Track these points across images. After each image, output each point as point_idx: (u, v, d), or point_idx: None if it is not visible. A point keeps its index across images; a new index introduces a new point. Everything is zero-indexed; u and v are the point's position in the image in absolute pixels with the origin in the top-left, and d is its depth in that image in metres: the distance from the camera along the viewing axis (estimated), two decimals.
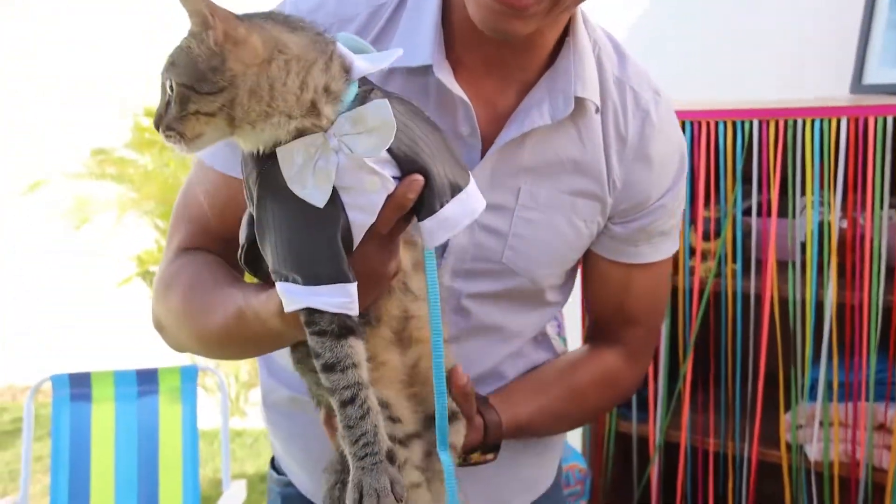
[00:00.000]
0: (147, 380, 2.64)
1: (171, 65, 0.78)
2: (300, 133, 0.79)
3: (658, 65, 1.99)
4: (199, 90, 0.77)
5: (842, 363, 1.69)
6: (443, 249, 1.02)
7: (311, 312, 0.83)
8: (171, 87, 0.78)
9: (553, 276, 1.13)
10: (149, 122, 5.04)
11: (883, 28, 1.94)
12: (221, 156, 1.05)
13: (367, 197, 0.82)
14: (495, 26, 0.93)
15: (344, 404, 0.83)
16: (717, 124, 1.73)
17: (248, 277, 1.01)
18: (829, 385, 1.70)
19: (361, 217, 0.82)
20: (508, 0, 0.90)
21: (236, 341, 1.01)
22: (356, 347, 0.84)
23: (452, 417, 0.97)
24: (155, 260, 4.91)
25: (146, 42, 5.48)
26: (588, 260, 1.17)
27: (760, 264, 1.75)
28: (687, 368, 1.82)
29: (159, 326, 1.13)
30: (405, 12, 1.04)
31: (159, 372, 2.65)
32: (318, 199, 0.80)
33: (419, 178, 0.82)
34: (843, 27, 2.05)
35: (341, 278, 0.82)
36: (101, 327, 5.46)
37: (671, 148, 1.11)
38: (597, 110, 1.06)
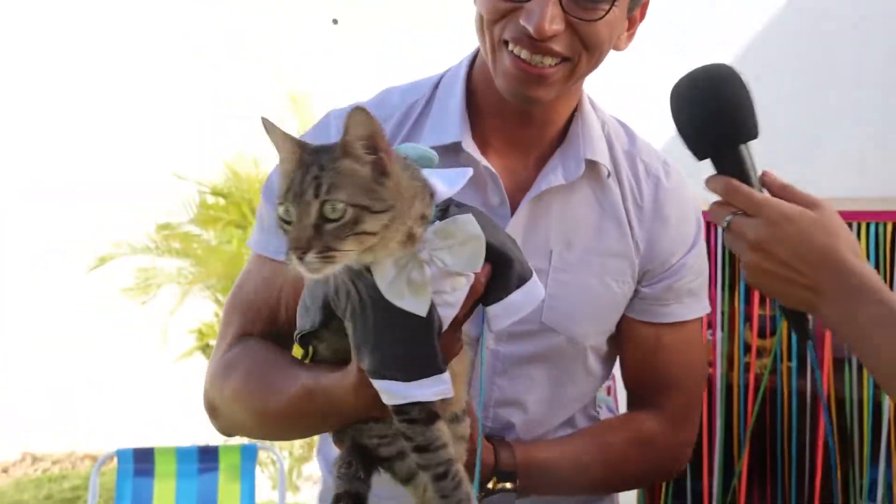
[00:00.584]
0: (208, 457, 2.71)
1: (335, 187, 0.83)
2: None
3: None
4: (372, 210, 0.83)
5: None
6: (483, 314, 1.04)
7: (401, 405, 0.90)
8: (335, 209, 0.82)
9: (592, 335, 1.19)
10: (213, 200, 5.22)
11: None
12: (275, 244, 1.12)
13: (455, 294, 0.90)
14: (520, 92, 1.07)
15: (438, 478, 0.91)
16: None
17: (297, 351, 1.08)
18: (888, 486, 1.70)
19: (450, 312, 0.91)
20: (534, 70, 1.04)
21: (300, 419, 1.07)
22: (443, 429, 0.92)
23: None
24: (215, 333, 5.02)
25: (214, 123, 5.70)
26: (621, 325, 1.22)
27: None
28: (742, 465, 1.83)
29: (212, 410, 1.19)
30: (435, 103, 1.18)
31: (220, 450, 2.72)
32: (420, 308, 0.87)
33: (488, 265, 0.90)
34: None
35: (437, 370, 0.89)
36: (161, 399, 5.56)
37: (686, 208, 1.20)
38: (609, 175, 1.17)
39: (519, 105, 1.11)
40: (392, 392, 0.89)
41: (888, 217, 1.66)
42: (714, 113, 0.97)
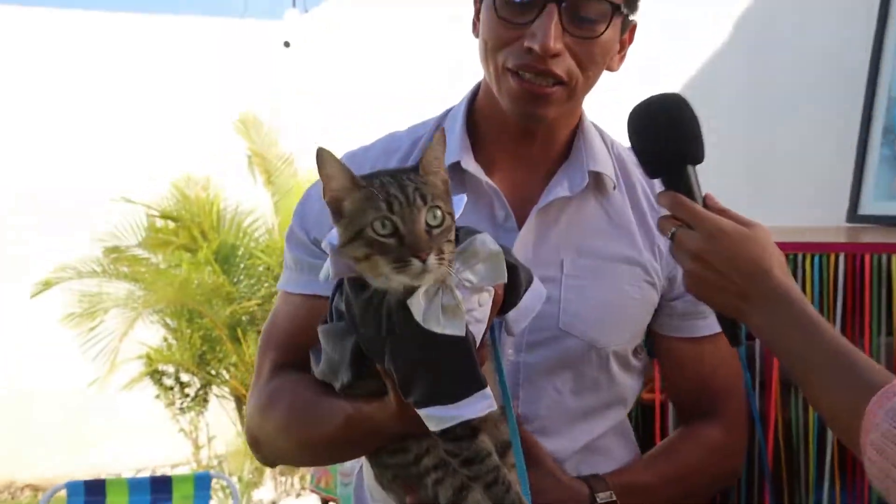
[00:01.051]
0: (161, 487, 2.68)
1: (434, 196, 0.92)
2: None
3: None
4: (454, 219, 0.94)
5: (844, 486, 1.75)
6: (500, 327, 1.10)
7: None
8: (436, 216, 0.91)
9: (613, 340, 1.22)
10: (162, 223, 5.19)
11: (876, 164, 2.06)
12: (303, 282, 1.22)
13: (482, 310, 0.97)
14: (526, 111, 1.15)
15: (488, 486, 0.96)
16: None
17: None
18: None
19: (480, 328, 0.97)
20: (538, 90, 1.11)
21: (344, 446, 1.13)
22: (485, 440, 0.98)
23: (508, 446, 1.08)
24: (164, 359, 4.97)
25: (159, 146, 5.67)
26: (661, 347, 1.28)
27: (764, 386, 1.81)
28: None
29: (255, 443, 1.25)
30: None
31: (173, 480, 2.70)
32: (458, 330, 0.92)
33: (501, 283, 0.98)
34: (843, 162, 2.17)
35: (481, 386, 0.94)
36: (107, 426, 5.48)
37: None
38: (614, 186, 1.24)
39: (524, 123, 1.18)
40: (441, 416, 0.94)
41: (832, 248, 1.72)
42: (665, 137, 1.06)
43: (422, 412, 0.95)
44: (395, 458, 1.09)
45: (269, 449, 1.25)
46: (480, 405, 0.94)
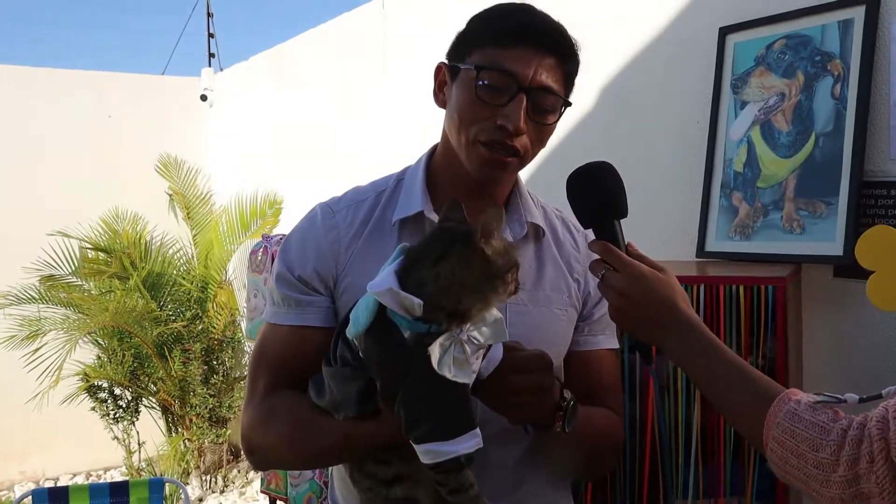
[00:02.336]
0: (119, 492, 2.59)
1: None
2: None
3: None
4: None
5: (706, 467, 1.88)
6: None
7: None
8: None
9: (550, 353, 1.23)
10: (93, 254, 4.98)
11: (716, 213, 2.23)
12: (291, 315, 1.24)
13: (477, 363, 1.03)
14: (488, 175, 1.22)
15: None
16: None
17: None
18: (695, 484, 1.88)
19: (473, 376, 1.03)
20: (503, 159, 1.19)
21: (338, 455, 1.17)
22: (470, 473, 1.01)
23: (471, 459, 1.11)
24: (99, 375, 4.76)
25: (90, 186, 5.45)
26: (575, 358, 1.35)
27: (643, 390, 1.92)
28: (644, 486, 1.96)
29: (250, 451, 1.25)
30: (403, 187, 1.30)
31: (130, 484, 2.61)
32: (466, 378, 0.99)
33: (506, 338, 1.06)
34: (691, 209, 2.33)
35: (473, 426, 1.00)
36: (48, 435, 5.21)
37: None
38: (543, 234, 1.32)
39: (483, 183, 1.24)
40: (436, 451, 0.98)
41: (694, 280, 1.84)
42: (595, 198, 1.16)
43: (420, 448, 1.00)
44: (377, 468, 1.12)
45: (267, 456, 1.26)
46: (471, 442, 0.99)
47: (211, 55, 6.05)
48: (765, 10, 2.20)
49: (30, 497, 2.56)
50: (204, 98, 5.85)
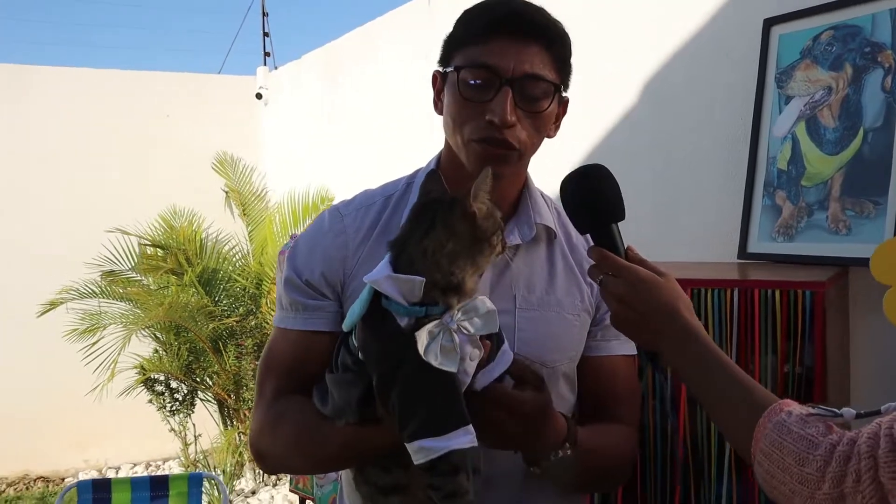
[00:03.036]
0: (159, 486, 2.63)
1: None
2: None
3: None
4: None
5: (739, 481, 1.80)
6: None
7: (432, 460, 0.96)
8: None
9: (560, 359, 1.25)
10: (152, 251, 5.09)
11: (759, 212, 2.13)
12: (300, 320, 1.22)
13: (471, 365, 1.00)
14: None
15: None
16: None
17: None
18: (728, 498, 1.80)
19: (466, 379, 1.00)
20: (497, 151, 1.15)
21: (342, 460, 1.16)
22: (465, 479, 0.98)
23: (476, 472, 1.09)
24: (155, 368, 4.87)
25: (149, 185, 5.58)
26: (588, 364, 1.30)
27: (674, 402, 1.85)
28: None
29: (260, 456, 1.24)
30: (412, 189, 1.26)
31: (170, 478, 2.65)
32: (451, 366, 0.96)
33: (489, 343, 1.03)
34: (733, 209, 2.24)
35: (465, 422, 0.97)
36: (107, 427, 5.36)
37: None
38: (554, 236, 1.28)
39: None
40: (429, 448, 0.95)
41: (728, 284, 1.76)
42: (591, 202, 1.10)
43: (412, 445, 0.96)
44: (377, 476, 1.10)
45: (276, 461, 1.25)
46: (464, 439, 0.96)
47: (266, 54, 6.12)
48: (812, 0, 2.09)
49: (75, 488, 2.62)
50: (259, 96, 5.92)
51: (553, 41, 1.18)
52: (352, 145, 4.82)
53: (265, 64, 6.13)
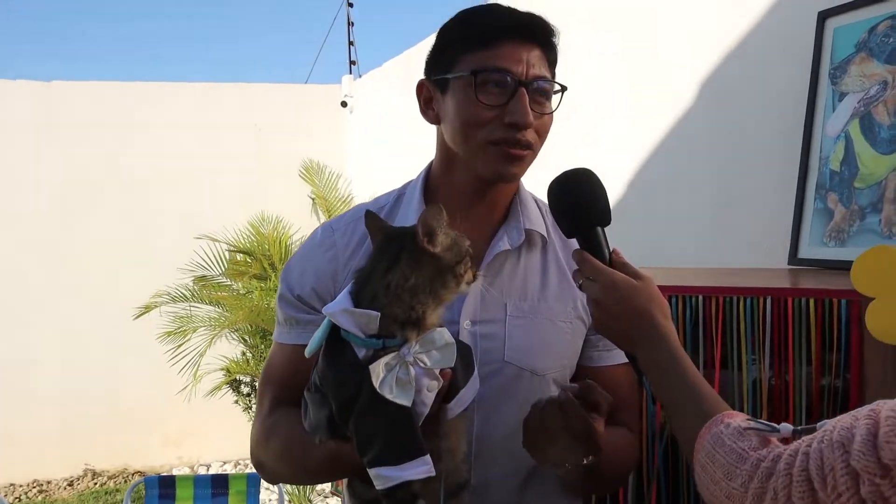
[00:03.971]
0: (220, 483, 2.75)
1: None
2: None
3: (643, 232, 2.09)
4: None
5: None
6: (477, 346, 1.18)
7: (390, 487, 0.97)
8: None
9: (551, 367, 1.24)
10: (241, 257, 5.29)
11: (811, 216, 2.03)
12: (293, 335, 1.25)
13: (429, 396, 1.00)
14: (506, 172, 1.18)
15: None
16: (669, 297, 1.83)
17: None
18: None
19: (424, 410, 1.00)
20: (518, 153, 1.16)
21: (328, 474, 1.19)
22: None
23: (464, 486, 1.12)
24: (241, 370, 5.06)
25: (241, 191, 5.81)
26: (589, 374, 1.28)
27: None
28: (652, 494, 1.85)
29: (259, 465, 1.29)
30: (403, 202, 1.29)
31: (229, 477, 2.76)
32: (406, 400, 0.96)
33: (448, 372, 1.02)
34: (785, 214, 2.15)
35: (421, 453, 0.98)
36: (197, 425, 5.61)
37: None
38: (544, 241, 1.27)
39: (501, 182, 1.22)
40: (386, 476, 0.97)
41: (758, 293, 1.69)
42: (575, 205, 1.11)
43: (371, 472, 0.98)
44: (362, 488, 1.11)
45: (270, 471, 1.29)
46: (420, 469, 0.97)
47: (352, 62, 6.26)
48: None
49: (143, 483, 2.77)
50: (344, 104, 6.06)
51: (549, 44, 1.21)
52: (431, 151, 4.88)
53: (350, 72, 6.28)
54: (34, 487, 5.63)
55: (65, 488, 5.61)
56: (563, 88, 1.20)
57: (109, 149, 5.81)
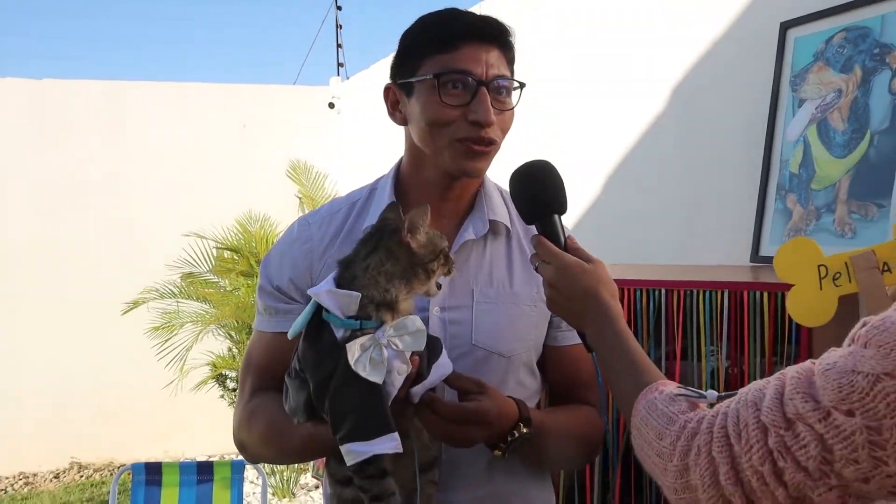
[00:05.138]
0: (205, 470, 2.81)
1: None
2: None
3: (617, 232, 2.17)
4: None
5: None
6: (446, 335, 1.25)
7: (361, 463, 1.05)
8: None
9: (516, 349, 1.31)
10: (229, 255, 5.36)
11: (772, 215, 2.13)
12: (273, 323, 1.33)
13: (398, 378, 1.08)
14: (471, 167, 1.26)
15: None
16: (634, 290, 1.92)
17: None
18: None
19: (392, 390, 1.08)
20: (482, 150, 1.24)
21: (307, 454, 1.27)
22: (391, 482, 1.08)
23: (433, 463, 1.20)
24: (227, 365, 5.13)
25: (230, 187, 5.87)
26: (551, 354, 1.38)
27: None
28: (616, 479, 1.94)
29: (241, 447, 1.36)
30: (375, 197, 1.36)
31: (214, 464, 2.82)
32: (377, 378, 1.05)
33: (417, 359, 1.11)
34: (748, 213, 2.24)
35: (390, 430, 1.06)
36: (183, 420, 5.65)
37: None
38: (507, 230, 1.35)
39: (466, 177, 1.29)
40: (357, 451, 1.05)
41: (717, 286, 1.78)
42: (534, 194, 1.19)
43: (343, 448, 1.06)
44: (337, 467, 1.19)
45: (252, 453, 1.36)
46: (388, 444, 1.05)
47: (340, 64, 6.34)
48: (828, 1, 2.08)
49: (129, 470, 2.83)
50: (331, 106, 6.14)
51: (508, 45, 1.28)
52: None
53: (338, 74, 6.35)
54: (20, 479, 5.66)
55: (51, 481, 5.65)
56: (522, 85, 1.28)
57: (99, 146, 5.86)
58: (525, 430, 1.23)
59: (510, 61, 1.29)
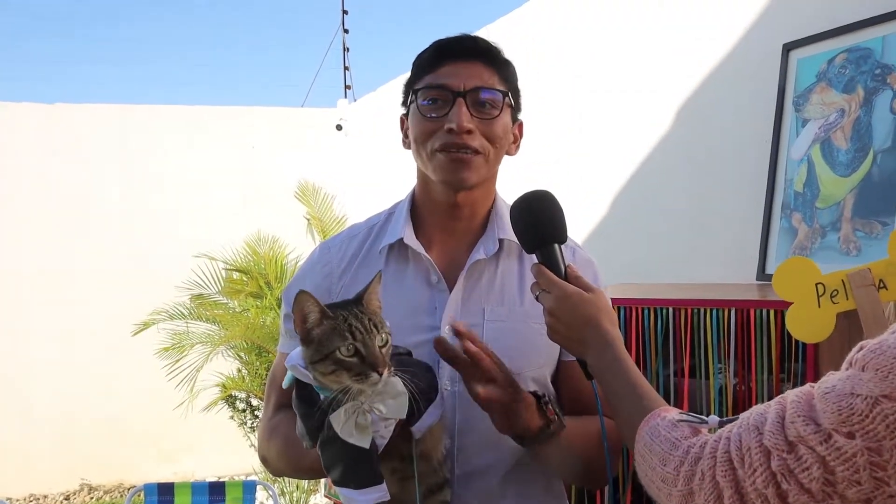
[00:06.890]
0: (217, 490, 2.83)
1: (382, 323, 1.08)
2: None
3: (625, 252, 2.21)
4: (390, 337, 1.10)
5: None
6: (439, 362, 1.24)
7: None
8: (384, 338, 1.08)
9: (528, 366, 1.31)
10: (238, 276, 5.39)
11: (777, 234, 2.16)
12: (292, 346, 1.29)
13: (387, 430, 1.10)
14: (454, 178, 1.27)
15: None
16: (642, 310, 1.94)
17: None
18: None
19: (382, 442, 1.10)
20: (462, 157, 1.25)
21: (318, 472, 1.24)
22: None
23: (443, 485, 1.21)
24: (237, 386, 5.14)
25: (239, 210, 5.92)
26: (565, 368, 1.36)
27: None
28: (626, 499, 1.95)
29: (264, 461, 1.39)
30: (391, 220, 1.38)
31: (226, 485, 2.84)
32: (364, 443, 1.07)
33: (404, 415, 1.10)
34: (756, 232, 2.26)
35: (377, 482, 1.09)
36: (192, 441, 5.67)
37: (588, 270, 1.34)
38: (520, 249, 1.32)
39: (455, 190, 1.30)
40: (348, 497, 1.09)
41: (724, 304, 1.80)
42: (534, 224, 1.19)
43: (337, 490, 1.11)
44: None
45: (273, 466, 1.39)
46: (374, 495, 1.08)
47: (347, 87, 6.40)
48: (830, 23, 2.12)
49: (142, 491, 2.85)
50: (339, 128, 6.19)
51: (495, 59, 1.31)
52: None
53: (346, 96, 6.42)
54: (31, 501, 5.67)
55: (61, 502, 5.66)
56: (504, 93, 1.30)
57: (109, 169, 5.93)
58: (556, 416, 1.23)
59: (501, 76, 1.31)
